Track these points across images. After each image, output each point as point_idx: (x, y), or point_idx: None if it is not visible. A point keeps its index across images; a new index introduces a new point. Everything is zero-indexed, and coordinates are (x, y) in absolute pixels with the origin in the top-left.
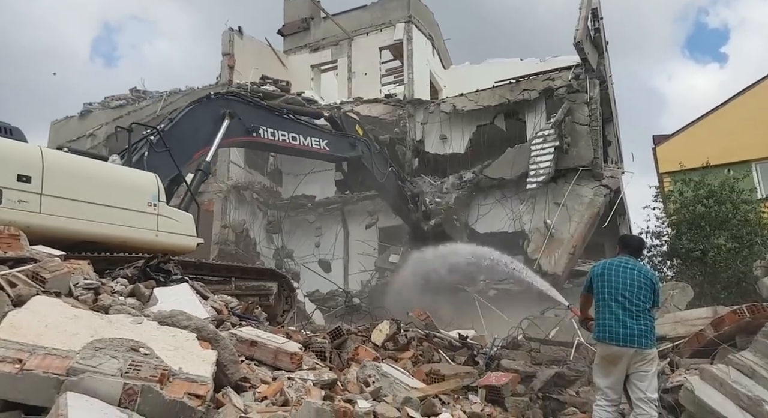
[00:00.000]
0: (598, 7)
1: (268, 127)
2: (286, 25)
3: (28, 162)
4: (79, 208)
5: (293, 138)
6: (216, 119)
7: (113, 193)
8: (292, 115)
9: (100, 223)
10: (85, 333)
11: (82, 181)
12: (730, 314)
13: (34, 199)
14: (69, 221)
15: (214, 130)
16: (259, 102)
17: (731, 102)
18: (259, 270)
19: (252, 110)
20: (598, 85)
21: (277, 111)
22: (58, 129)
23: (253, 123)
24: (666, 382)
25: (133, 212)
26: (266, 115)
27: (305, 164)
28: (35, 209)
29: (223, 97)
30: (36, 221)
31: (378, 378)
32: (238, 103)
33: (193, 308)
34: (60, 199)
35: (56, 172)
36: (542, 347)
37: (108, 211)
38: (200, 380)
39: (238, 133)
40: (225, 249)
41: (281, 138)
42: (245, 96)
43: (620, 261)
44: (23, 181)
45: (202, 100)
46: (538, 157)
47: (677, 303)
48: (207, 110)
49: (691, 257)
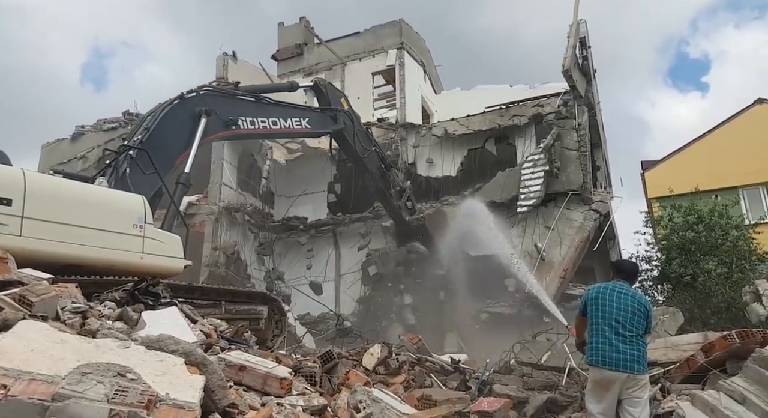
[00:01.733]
0: (586, 36)
1: (246, 117)
2: (280, 50)
3: (8, 185)
4: (61, 230)
5: (273, 122)
6: (192, 118)
7: (97, 215)
8: (268, 99)
9: (82, 245)
10: (71, 358)
11: (65, 203)
12: (721, 340)
13: (14, 222)
14: (51, 243)
15: (192, 131)
16: (233, 91)
17: (718, 129)
18: (250, 293)
19: (227, 102)
20: (587, 112)
21: (252, 98)
22: (49, 152)
23: (230, 116)
24: (657, 408)
25: (117, 234)
26: (242, 104)
27: (298, 186)
28: (15, 232)
29: (196, 95)
30: (16, 244)
31: (369, 404)
32: (212, 98)
33: (181, 332)
34: (42, 221)
35: (39, 195)
36: (534, 371)
37: (91, 233)
38: (187, 406)
39: (217, 128)
40: (215, 271)
41: (261, 125)
42: (218, 89)
43: (614, 286)
44: (4, 204)
45: (175, 101)
46: (528, 181)
47: (668, 328)
48: (182, 111)
49: (682, 282)
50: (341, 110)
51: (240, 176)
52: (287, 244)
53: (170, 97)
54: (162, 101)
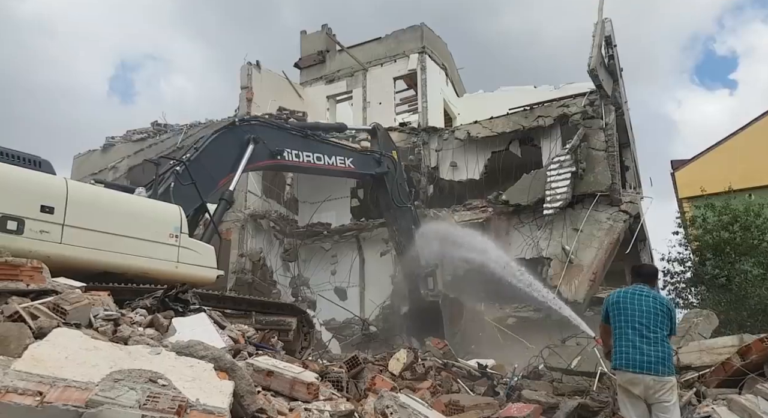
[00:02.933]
0: (611, 35)
1: (292, 150)
2: (303, 58)
3: (51, 193)
4: (100, 238)
5: (318, 158)
6: (240, 145)
7: (135, 224)
8: (316, 135)
9: (119, 253)
10: (104, 365)
11: (104, 212)
12: (758, 343)
13: (55, 229)
14: (89, 251)
15: (239, 156)
16: (283, 125)
17: (750, 126)
18: (280, 305)
19: (276, 134)
20: (614, 111)
21: (301, 133)
22: (81, 163)
23: (277, 146)
24: (693, 413)
25: (154, 243)
26: (290, 137)
27: (321, 192)
28: (56, 240)
29: (247, 123)
30: (57, 251)
31: (396, 409)
32: (262, 128)
33: (210, 338)
34: (82, 229)
35: (79, 204)
36: (564, 377)
37: (128, 241)
38: (217, 412)
39: (263, 157)
40: (242, 278)
41: (306, 159)
42: (269, 121)
43: (635, 289)
44: (46, 212)
45: (227, 127)
46: (555, 182)
47: (702, 331)
48: (232, 136)
49: (716, 283)
50: (387, 155)
51: (265, 183)
52: (312, 250)
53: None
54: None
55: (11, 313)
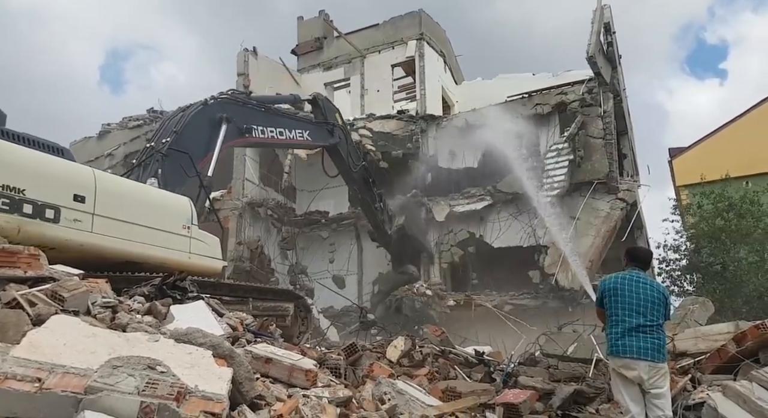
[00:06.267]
0: (610, 21)
1: (259, 126)
2: (300, 44)
3: (82, 182)
4: (125, 228)
5: (280, 133)
6: (213, 124)
7: (155, 215)
8: (276, 109)
9: (142, 243)
10: (102, 351)
11: (128, 202)
12: (753, 329)
13: (87, 218)
14: (116, 240)
15: (213, 136)
16: (249, 101)
17: (747, 115)
18: (276, 291)
19: (243, 111)
20: (612, 99)
21: (262, 107)
22: (77, 150)
23: (245, 124)
24: (688, 399)
25: (170, 234)
26: (255, 113)
27: (319, 180)
28: (88, 229)
29: (217, 102)
30: (88, 240)
31: (393, 395)
32: (231, 105)
33: (208, 325)
34: (109, 219)
35: (106, 193)
36: (560, 363)
37: (150, 232)
38: (216, 398)
39: (234, 135)
40: (240, 266)
41: (270, 135)
42: (235, 97)
43: (631, 275)
44: (78, 201)
45: (199, 107)
46: (552, 171)
47: (697, 318)
48: (206, 116)
49: (711, 270)
50: (337, 125)
51: (262, 171)
52: (309, 238)
53: (192, 102)
54: (181, 104)
55: (9, 300)
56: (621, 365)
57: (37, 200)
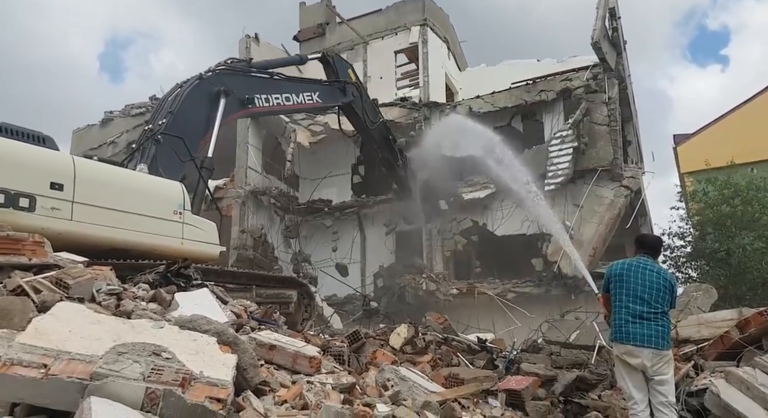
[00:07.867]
0: (615, 6)
1: (261, 95)
2: (302, 30)
3: (60, 170)
4: (108, 215)
5: (287, 99)
6: (211, 99)
7: (141, 201)
8: (281, 75)
9: (128, 230)
10: (107, 338)
11: (111, 189)
12: (756, 316)
13: (65, 206)
14: (98, 228)
15: (212, 112)
16: (247, 69)
17: (752, 101)
18: (280, 278)
19: (243, 81)
20: (617, 85)
21: (266, 74)
22: (80, 138)
23: (246, 94)
24: (691, 385)
25: (159, 220)
26: (257, 81)
27: (322, 169)
28: (67, 217)
29: (213, 74)
30: (68, 228)
31: (397, 382)
32: (229, 77)
33: (213, 313)
34: (90, 206)
35: (87, 181)
36: (563, 350)
37: (136, 218)
38: (221, 384)
39: (235, 108)
40: (243, 254)
41: (276, 102)
42: (233, 66)
43: (639, 262)
44: (56, 188)
45: (194, 82)
46: (557, 158)
47: (701, 305)
48: (201, 92)
49: (716, 257)
50: (349, 82)
51: (265, 159)
52: (313, 226)
53: (189, 78)
54: (179, 81)
55: (14, 287)
56: (624, 352)
57: (10, 189)
